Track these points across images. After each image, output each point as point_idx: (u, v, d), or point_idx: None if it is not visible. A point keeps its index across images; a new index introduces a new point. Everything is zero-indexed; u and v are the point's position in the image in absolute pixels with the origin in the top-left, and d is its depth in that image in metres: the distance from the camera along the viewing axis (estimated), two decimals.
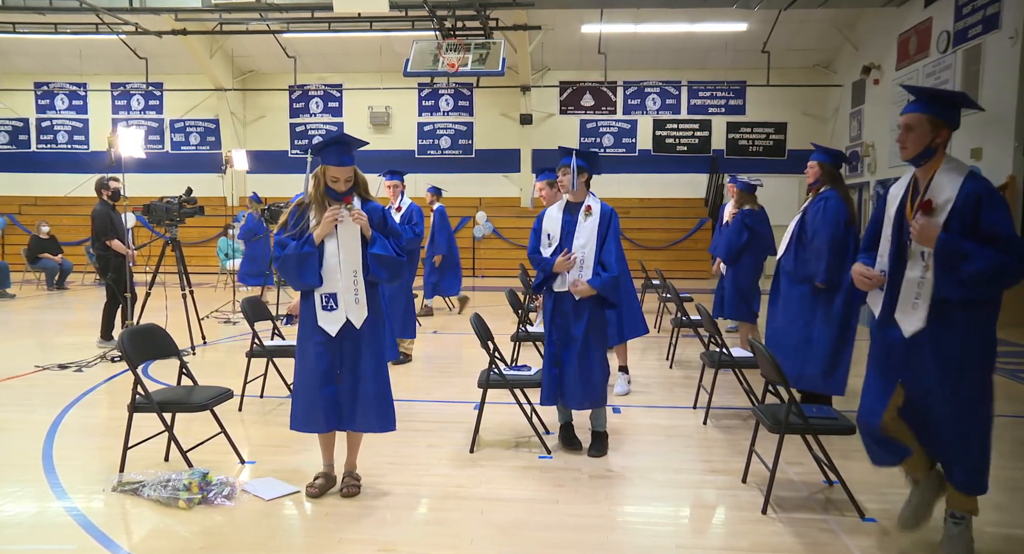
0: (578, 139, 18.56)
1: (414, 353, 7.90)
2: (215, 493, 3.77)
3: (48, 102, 19.62)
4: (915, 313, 3.10)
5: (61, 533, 3.48)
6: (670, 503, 3.97)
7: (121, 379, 6.60)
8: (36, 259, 14.23)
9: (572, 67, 18.26)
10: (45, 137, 19.74)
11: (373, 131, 19.10)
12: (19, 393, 6.19)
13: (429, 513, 3.81)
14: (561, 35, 16.61)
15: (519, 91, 18.02)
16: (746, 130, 18.33)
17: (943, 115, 3.10)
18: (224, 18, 14.55)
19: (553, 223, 4.68)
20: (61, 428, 5.16)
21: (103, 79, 19.25)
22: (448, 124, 19.07)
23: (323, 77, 19.03)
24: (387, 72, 18.03)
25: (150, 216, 7.85)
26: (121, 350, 4.16)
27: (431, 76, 15.36)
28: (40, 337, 9.09)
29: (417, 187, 18.68)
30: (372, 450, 4.82)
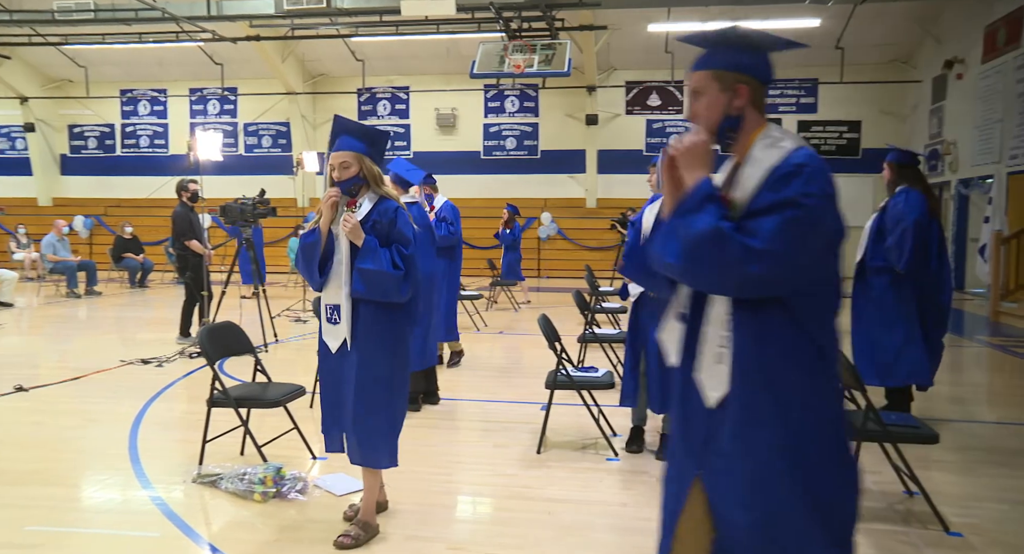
0: (644, 139, 18.40)
1: (477, 353, 7.95)
2: (289, 487, 3.86)
3: (132, 108, 20.46)
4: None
5: (146, 521, 3.62)
6: None
7: (198, 374, 6.83)
8: (120, 258, 14.86)
9: (638, 67, 18.11)
10: (128, 141, 20.60)
11: (439, 133, 19.31)
12: (106, 386, 6.47)
13: (496, 513, 3.82)
14: (627, 35, 16.48)
15: (585, 91, 17.96)
16: (818, 129, 17.86)
17: (734, 65, 2.03)
18: (295, 23, 14.91)
19: (647, 222, 4.66)
20: (144, 420, 5.37)
21: (182, 85, 19.97)
22: (514, 125, 19.13)
23: (391, 80, 19.33)
24: (453, 74, 18.21)
25: (225, 217, 8.11)
26: (200, 347, 4.30)
27: (497, 77, 15.43)
28: (123, 333, 9.47)
29: (490, 189, 18.85)
30: (439, 449, 4.88)
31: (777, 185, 1.83)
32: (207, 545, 3.38)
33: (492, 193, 18.98)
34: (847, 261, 6.96)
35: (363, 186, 3.40)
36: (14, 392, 6.11)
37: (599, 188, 18.40)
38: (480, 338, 9.00)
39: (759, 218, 1.80)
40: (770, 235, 1.76)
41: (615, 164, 18.24)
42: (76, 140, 20.88)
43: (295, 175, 19.02)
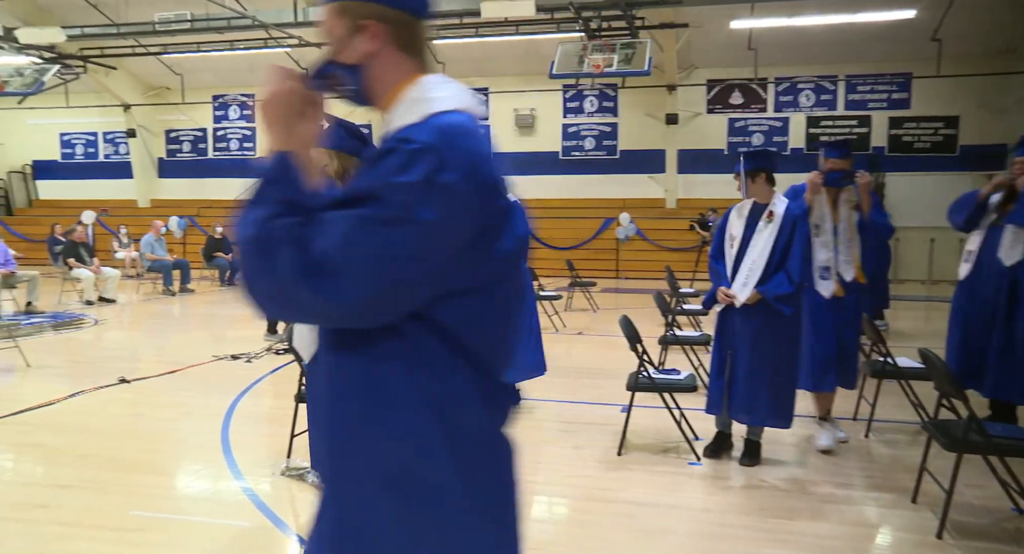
0: (726, 139, 18.04)
1: (555, 353, 7.94)
2: None
3: (223, 112, 21.29)
4: None
5: (238, 510, 3.76)
6: (828, 519, 3.77)
7: (284, 371, 7.05)
8: (211, 257, 15.47)
9: (720, 64, 17.76)
10: (220, 145, 21.45)
11: (518, 133, 19.39)
12: (199, 380, 6.75)
13: (575, 515, 3.81)
14: (709, 32, 16.18)
15: (665, 90, 17.73)
16: (911, 125, 17.14)
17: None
18: None
19: (735, 226, 4.52)
20: (235, 414, 5.58)
21: None
22: (592, 125, 19.05)
23: (470, 81, 19.45)
24: (532, 75, 18.25)
25: None
26: (288, 344, 4.43)
27: (576, 78, 15.40)
28: (214, 330, 9.87)
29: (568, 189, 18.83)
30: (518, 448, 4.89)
31: (368, 167, 1.30)
32: (295, 536, 3.48)
33: (570, 194, 18.95)
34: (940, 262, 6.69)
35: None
36: (118, 384, 6.45)
37: (679, 188, 18.14)
38: (558, 339, 8.99)
39: (329, 214, 1.25)
40: (331, 243, 1.21)
41: (696, 164, 17.95)
42: (172, 144, 21.87)
43: None
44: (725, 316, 4.50)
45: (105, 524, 3.57)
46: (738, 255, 4.42)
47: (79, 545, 3.35)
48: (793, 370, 4.41)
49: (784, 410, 4.35)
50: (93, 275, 12.31)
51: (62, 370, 7.24)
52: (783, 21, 15.09)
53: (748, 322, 4.36)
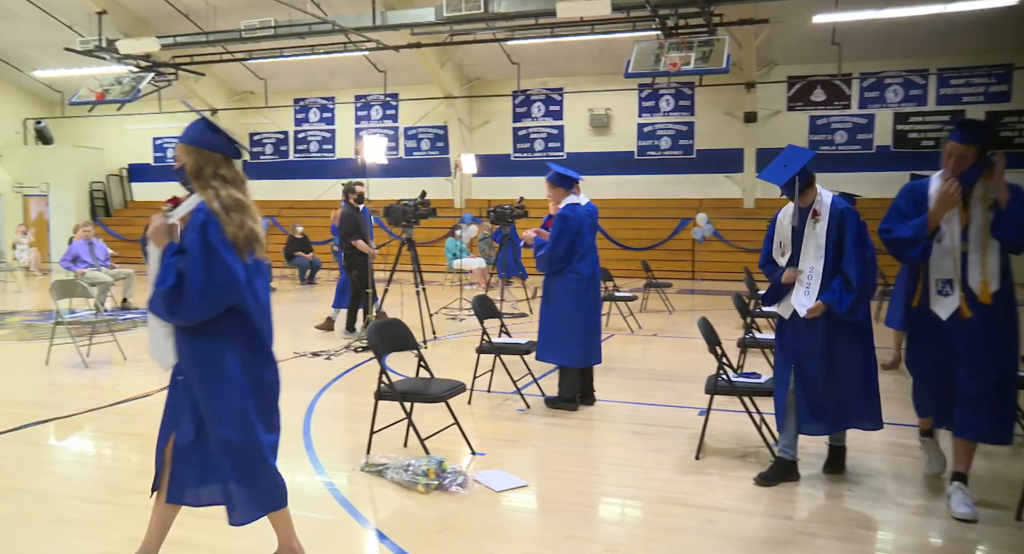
0: (807, 136, 17.52)
1: (631, 355, 7.87)
2: (450, 481, 3.99)
3: (303, 115, 21.88)
4: None
5: (321, 504, 3.86)
6: (921, 533, 3.62)
7: (363, 368, 7.19)
8: (291, 257, 15.94)
9: (802, 61, 17.26)
10: (300, 147, 22.05)
11: (593, 133, 19.29)
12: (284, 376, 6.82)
13: (653, 518, 3.76)
14: (790, 27, 15.75)
15: (743, 88, 17.35)
16: (1012, 119, 16.28)
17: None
18: (454, 30, 15.38)
19: (784, 230, 4.23)
20: (316, 409, 5.72)
21: (348, 93, 21.13)
22: (668, 124, 18.79)
23: (545, 81, 19.52)
24: (607, 74, 18.13)
25: (389, 218, 8.48)
26: (369, 342, 4.53)
27: (652, 77, 15.20)
28: (295, 327, 10.14)
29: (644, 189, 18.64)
30: (596, 450, 4.89)
31: None
32: (374, 531, 3.55)
33: (646, 194, 18.74)
34: None
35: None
36: None
37: (758, 188, 17.71)
38: (633, 340, 8.91)
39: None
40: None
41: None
42: (255, 147, 22.60)
43: (452, 177, 19.63)
44: (786, 326, 4.20)
45: (196, 512, 3.68)
46: (790, 263, 4.16)
47: (176, 531, 3.48)
48: (874, 370, 4.14)
49: (872, 411, 4.11)
50: None
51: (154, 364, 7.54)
52: (870, 14, 14.54)
53: (813, 332, 4.04)
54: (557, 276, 5.57)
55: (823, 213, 4.02)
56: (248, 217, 2.82)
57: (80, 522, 3.64)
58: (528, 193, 14.44)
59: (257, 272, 2.87)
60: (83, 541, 3.42)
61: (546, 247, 5.49)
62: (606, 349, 6.90)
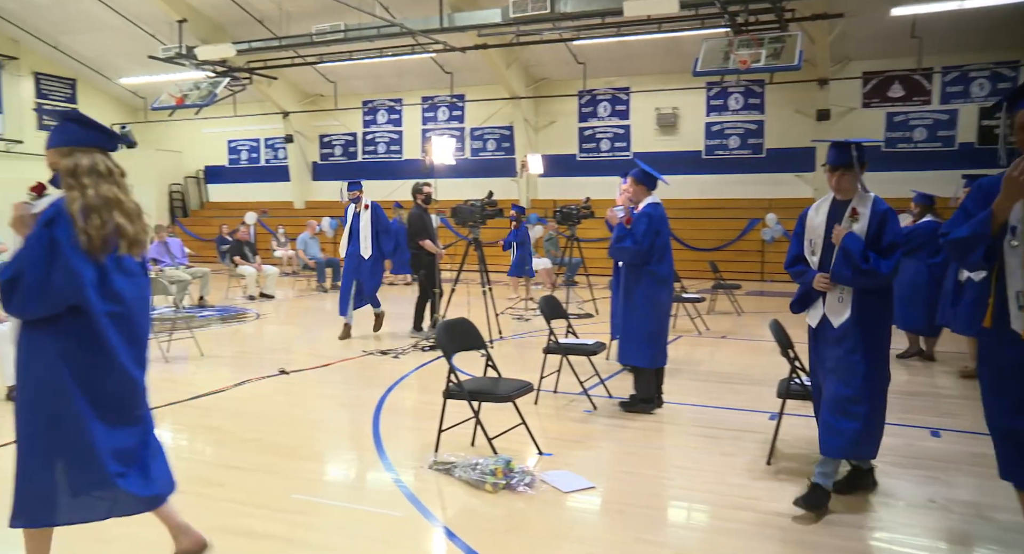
0: (883, 134, 16.96)
1: (698, 357, 7.76)
2: (518, 480, 4.00)
3: (372, 117, 22.26)
4: None
5: (390, 500, 3.92)
6: (1003, 545, 3.46)
7: (430, 367, 7.28)
8: None
9: (878, 55, 16.71)
10: (368, 148, 22.45)
11: (659, 133, 19.08)
12: (352, 374, 7.10)
13: (724, 523, 3.70)
14: (867, 21, 15.26)
15: (816, 85, 16.89)
16: None
17: None
18: (520, 30, 15.42)
19: (815, 227, 3.90)
20: (384, 407, 5.81)
21: (415, 94, 21.40)
22: (737, 123, 18.44)
23: (611, 81, 19.40)
24: (674, 73, 17.90)
25: (456, 218, 8.55)
26: (437, 341, 4.57)
27: (721, 75, 14.95)
28: (362, 325, 10.31)
29: (711, 189, 18.34)
30: (665, 453, 4.83)
31: None
32: (443, 528, 3.59)
33: (713, 194, 18.44)
34: None
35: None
36: (278, 375, 6.88)
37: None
38: (701, 342, 8.78)
39: None
40: None
41: None
42: (325, 148, 23.10)
43: (518, 177, 19.69)
44: (816, 337, 3.93)
45: (270, 505, 3.82)
46: (822, 263, 3.82)
47: (249, 522, 3.60)
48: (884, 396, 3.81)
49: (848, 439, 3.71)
50: (255, 272, 13.21)
51: (229, 360, 7.81)
52: (954, 5, 13.97)
53: (840, 346, 3.75)
54: (639, 277, 5.51)
55: (864, 212, 3.72)
56: (119, 214, 2.74)
57: None
58: (594, 193, 14.37)
59: (120, 271, 2.76)
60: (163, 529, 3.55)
61: (630, 240, 5.44)
62: (673, 351, 6.83)
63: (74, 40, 21.03)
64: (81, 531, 2.92)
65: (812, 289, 3.85)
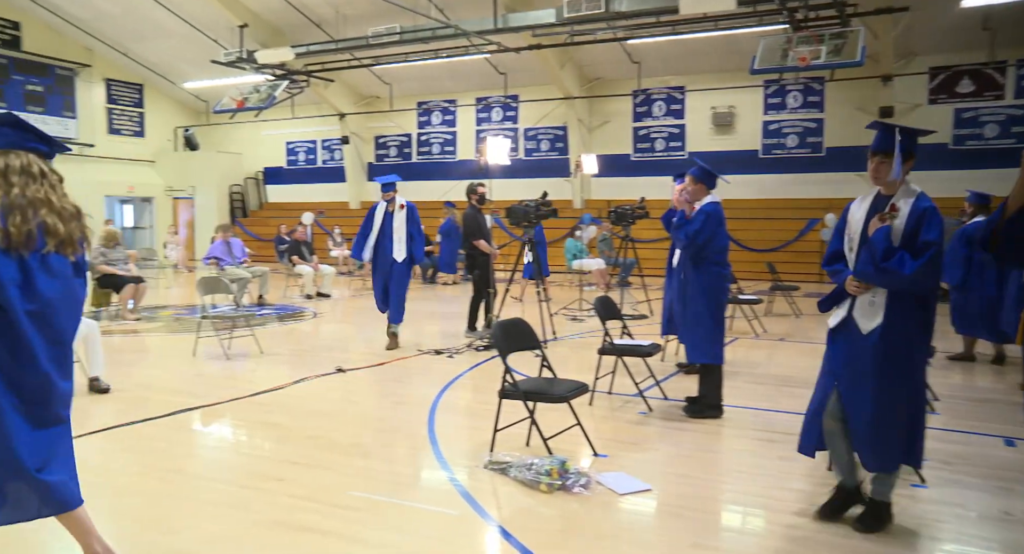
0: (951, 131, 16.42)
1: (755, 360, 7.62)
2: (573, 481, 3.99)
3: (426, 118, 22.47)
4: None
5: (446, 499, 3.94)
6: None
7: (483, 366, 7.31)
8: None
9: (946, 50, 16.17)
10: (423, 149, 22.67)
11: (715, 132, 18.83)
12: (408, 372, 7.17)
13: (781, 529, 3.62)
14: (934, 15, 14.79)
15: (879, 82, 16.43)
16: None
17: None
18: (574, 30, 15.37)
19: (855, 222, 3.67)
20: (439, 406, 5.86)
21: (469, 95, 21.52)
22: (796, 121, 18.07)
23: (666, 80, 19.20)
24: (730, 71, 17.64)
25: (510, 218, 8.57)
26: (494, 340, 4.59)
27: (779, 72, 14.67)
28: (417, 325, 10.42)
29: (768, 189, 18.02)
30: (722, 457, 4.77)
31: None
32: (498, 527, 3.60)
33: (771, 194, 18.11)
34: None
35: None
36: (335, 373, 7.00)
37: None
38: (758, 344, 8.63)
39: None
40: None
41: None
42: (380, 149, 23.41)
43: (572, 177, 19.64)
44: (836, 339, 3.68)
45: (329, 501, 3.88)
46: (858, 261, 3.58)
47: (309, 517, 3.67)
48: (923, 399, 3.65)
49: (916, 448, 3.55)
50: (313, 271, 13.45)
51: (288, 358, 7.96)
52: None
53: (868, 350, 3.49)
54: (703, 276, 5.43)
55: (904, 209, 3.46)
56: (46, 213, 2.78)
57: (225, 503, 3.87)
58: (648, 193, 14.20)
59: (45, 270, 2.77)
60: (229, 521, 3.64)
61: (683, 233, 5.38)
62: (730, 353, 6.73)
63: (142, 47, 21.76)
64: None
65: (845, 292, 3.61)
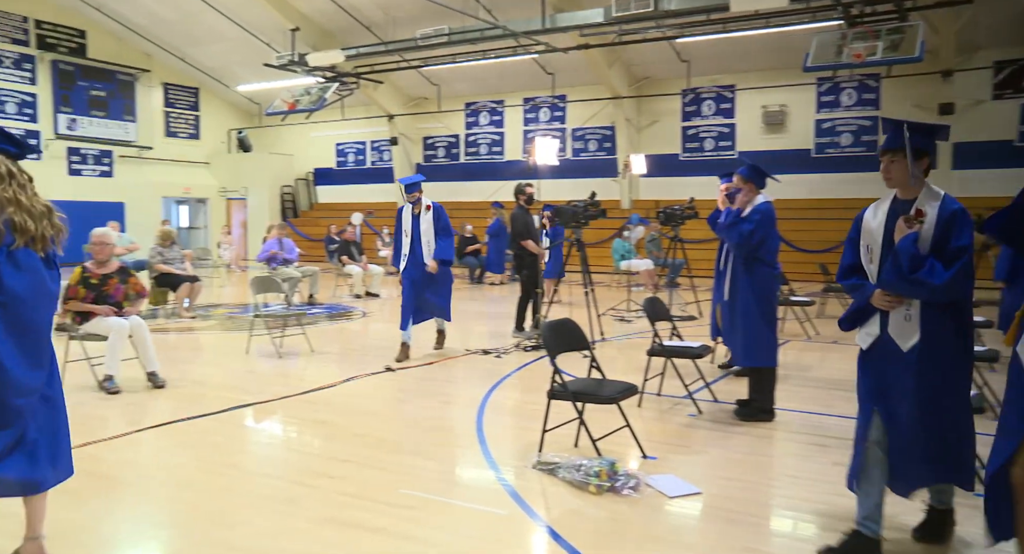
0: (1016, 127, 15.88)
1: (807, 362, 7.47)
2: (622, 483, 3.96)
3: (474, 119, 22.58)
4: None
5: (495, 499, 3.95)
6: None
7: (531, 367, 7.31)
8: (461, 256, 16.48)
9: (1012, 43, 15.61)
10: (471, 149, 22.78)
11: (766, 131, 18.53)
12: (455, 372, 7.21)
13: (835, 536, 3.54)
14: (999, 6, 14.31)
15: (939, 77, 15.98)
16: None
17: None
18: (623, 29, 15.28)
19: (872, 230, 3.35)
20: (487, 406, 5.87)
21: (517, 96, 21.56)
22: (850, 119, 17.68)
23: (715, 79, 18.96)
24: (782, 69, 17.34)
25: (559, 219, 8.55)
26: (543, 341, 4.59)
27: (833, 69, 14.37)
28: (465, 325, 10.46)
29: (821, 189, 17.66)
30: (775, 461, 4.69)
31: None
32: (547, 528, 3.59)
33: (824, 193, 17.75)
34: None
35: None
36: (383, 372, 7.07)
37: (954, 186, 16.22)
38: (810, 347, 8.46)
39: None
40: None
41: (976, 158, 15.97)
42: (428, 150, 23.60)
43: (620, 177, 19.53)
44: (868, 361, 3.40)
45: (379, 498, 3.93)
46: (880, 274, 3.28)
47: (360, 515, 3.71)
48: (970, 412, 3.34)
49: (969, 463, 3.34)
50: (362, 271, 13.62)
51: (337, 356, 8.08)
52: None
53: (903, 363, 3.23)
54: (754, 277, 5.34)
55: (931, 214, 3.16)
56: (14, 211, 2.92)
57: (279, 499, 3.94)
58: (697, 193, 14.08)
59: (12, 265, 2.91)
60: (281, 517, 3.71)
61: (744, 230, 5.30)
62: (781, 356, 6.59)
63: (198, 51, 22.32)
64: None
65: (870, 305, 3.31)
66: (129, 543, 3.54)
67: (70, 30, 21.05)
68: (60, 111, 20.87)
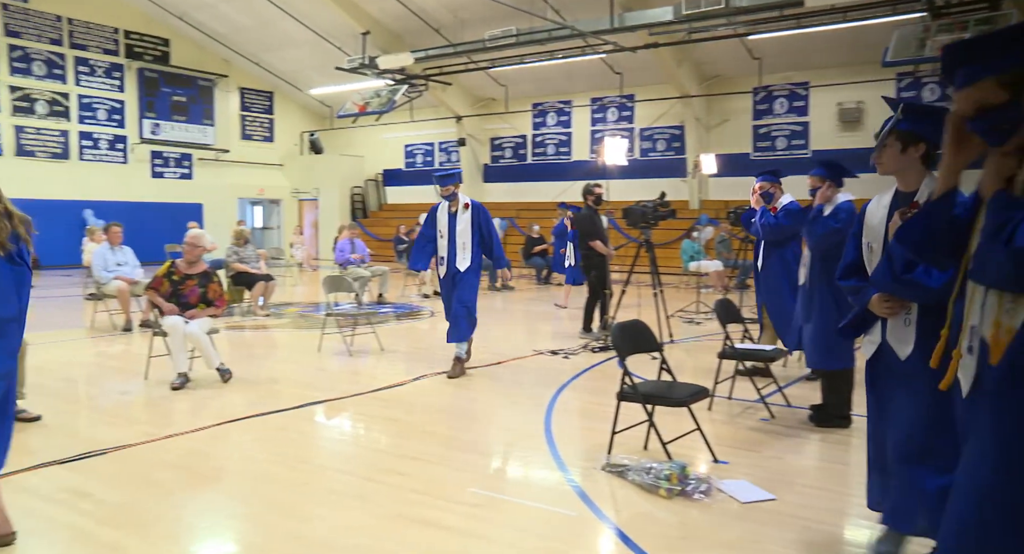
0: None
1: None
2: (693, 487, 3.89)
3: (541, 119, 22.59)
4: None
5: (564, 499, 3.93)
6: None
7: (600, 368, 7.26)
8: (529, 256, 16.50)
9: None
10: (537, 150, 22.79)
11: (841, 129, 17.97)
12: (522, 373, 7.21)
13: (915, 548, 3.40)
14: None
15: None
16: None
17: None
18: (692, 27, 15.06)
19: (874, 226, 3.10)
20: (555, 407, 5.86)
21: (584, 96, 21.46)
22: None
23: (788, 76, 18.49)
24: (859, 64, 16.77)
25: (627, 219, 8.47)
26: (612, 342, 4.55)
27: (915, 64, 13.85)
28: (532, 325, 10.48)
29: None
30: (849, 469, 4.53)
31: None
32: (616, 530, 3.56)
33: None
34: None
35: None
36: None
37: None
38: None
39: None
40: None
41: None
42: (495, 151, 23.71)
43: (689, 177, 19.25)
44: (875, 372, 3.18)
45: (448, 496, 3.96)
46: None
47: (429, 512, 3.75)
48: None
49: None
50: (430, 271, 13.75)
51: (406, 355, 8.18)
52: None
53: (914, 380, 2.88)
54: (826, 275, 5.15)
55: None
56: None
57: (350, 494, 4.01)
58: None
59: None
60: (353, 512, 3.77)
61: (821, 226, 5.16)
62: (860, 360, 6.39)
63: (273, 56, 22.97)
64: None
65: (869, 312, 3.02)
66: (208, 534, 3.65)
67: (155, 39, 21.97)
68: (145, 116, 21.79)
